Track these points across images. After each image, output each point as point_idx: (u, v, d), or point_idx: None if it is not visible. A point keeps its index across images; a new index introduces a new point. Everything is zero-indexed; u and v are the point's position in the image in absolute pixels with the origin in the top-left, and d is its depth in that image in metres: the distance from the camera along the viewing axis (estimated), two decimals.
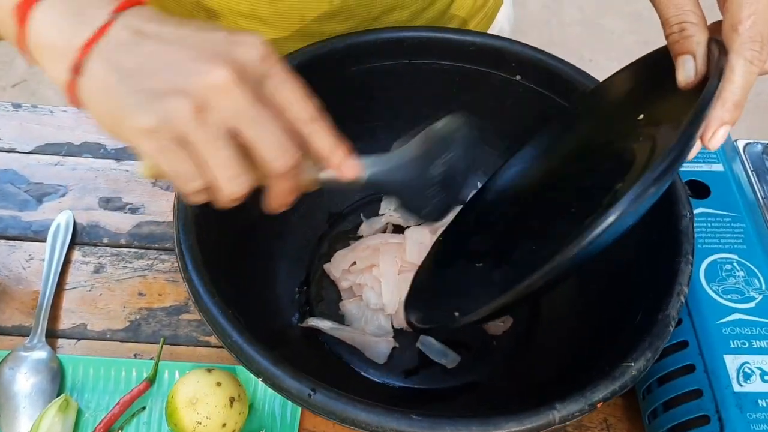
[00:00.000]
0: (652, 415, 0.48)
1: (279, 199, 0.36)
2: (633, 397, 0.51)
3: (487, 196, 0.55)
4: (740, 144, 0.58)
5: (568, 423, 0.39)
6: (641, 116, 0.43)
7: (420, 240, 0.55)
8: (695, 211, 0.51)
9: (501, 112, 0.58)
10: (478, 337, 0.54)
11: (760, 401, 0.43)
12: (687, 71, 0.38)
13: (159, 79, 0.31)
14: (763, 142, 0.58)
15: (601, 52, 1.65)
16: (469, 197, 0.57)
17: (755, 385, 0.43)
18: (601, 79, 0.50)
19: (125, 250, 0.59)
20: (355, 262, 0.55)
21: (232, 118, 0.32)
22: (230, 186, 0.33)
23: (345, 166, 0.36)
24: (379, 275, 0.54)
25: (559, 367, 0.48)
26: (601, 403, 0.39)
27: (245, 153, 0.33)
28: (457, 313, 0.44)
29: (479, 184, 0.60)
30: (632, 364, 0.40)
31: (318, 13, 0.54)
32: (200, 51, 0.32)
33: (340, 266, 0.55)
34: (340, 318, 0.54)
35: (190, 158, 0.32)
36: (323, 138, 0.35)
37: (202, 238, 0.45)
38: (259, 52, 0.32)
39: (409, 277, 0.53)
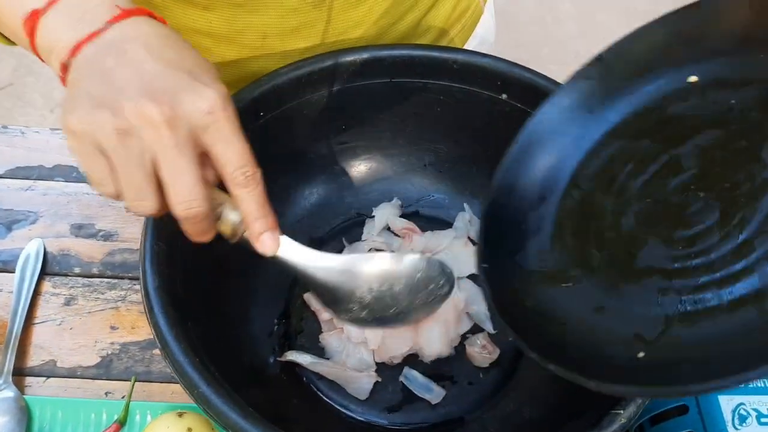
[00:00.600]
0: None
1: (191, 235, 0.36)
2: None
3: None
4: None
5: None
6: None
7: None
8: None
9: (488, 132, 0.55)
10: (464, 370, 0.52)
11: None
12: None
13: (106, 92, 0.33)
14: None
15: (597, 47, 1.62)
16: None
17: (751, 429, 0.41)
18: None
19: (97, 280, 0.57)
20: None
21: (150, 151, 0.33)
22: (134, 206, 0.35)
23: (262, 239, 0.37)
24: None
25: (546, 408, 0.46)
26: None
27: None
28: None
29: (466, 206, 0.58)
30: (621, 411, 0.38)
31: (279, 30, 0.52)
32: (151, 83, 0.33)
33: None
34: (320, 351, 0.52)
35: (107, 166, 0.34)
36: (249, 203, 0.36)
37: (170, 275, 0.43)
38: (208, 105, 0.33)
39: None
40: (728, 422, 0.42)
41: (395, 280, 0.41)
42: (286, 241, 0.39)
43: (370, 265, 0.41)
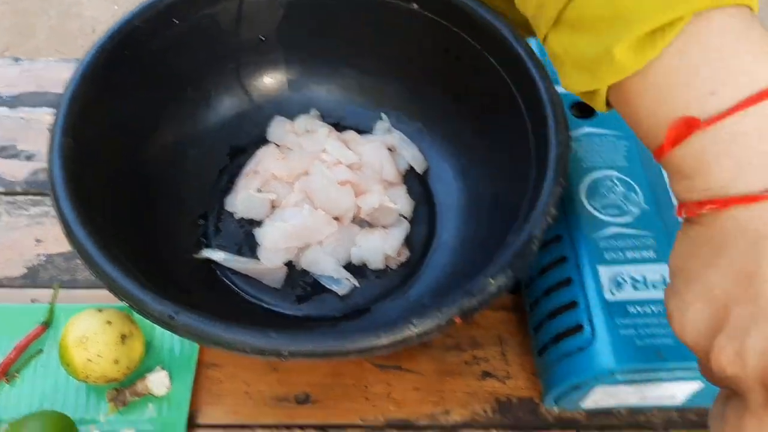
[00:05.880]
0: (537, 328, 0.49)
1: None
2: (525, 313, 0.52)
3: None
4: None
5: (427, 338, 0.39)
6: None
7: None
8: (580, 132, 0.52)
9: (404, 43, 0.57)
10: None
11: (629, 308, 0.44)
12: None
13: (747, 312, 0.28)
14: None
15: None
16: None
17: (626, 294, 0.44)
18: None
19: (21, 197, 0.58)
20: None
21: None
22: None
23: None
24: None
25: (439, 290, 0.49)
26: (460, 319, 0.40)
27: None
28: None
29: (383, 115, 0.60)
30: (492, 280, 0.40)
31: None
32: None
33: (238, 198, 0.55)
34: (236, 251, 0.54)
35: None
36: None
37: (79, 170, 0.44)
38: None
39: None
40: (606, 289, 0.45)
41: None
42: None
43: None
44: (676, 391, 0.45)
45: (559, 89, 0.47)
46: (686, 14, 0.28)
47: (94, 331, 0.47)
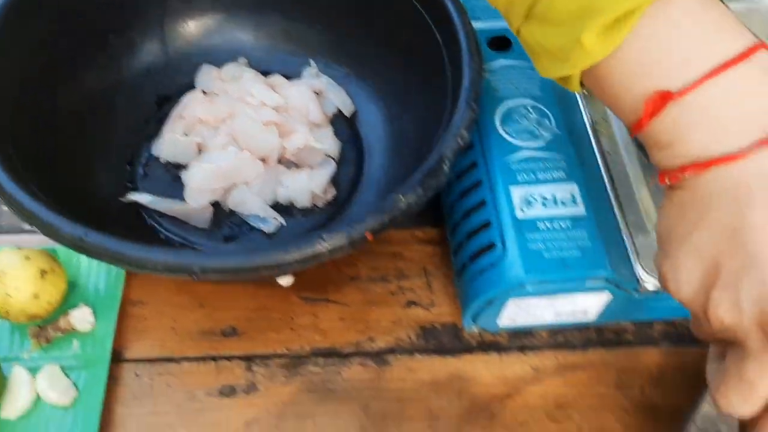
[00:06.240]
0: (456, 252, 0.50)
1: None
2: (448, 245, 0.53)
3: None
4: None
5: (339, 254, 0.40)
6: None
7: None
8: (497, 64, 0.53)
9: None
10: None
11: (539, 224, 0.45)
12: None
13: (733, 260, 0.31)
14: None
15: None
16: None
17: (536, 211, 0.46)
18: None
19: None
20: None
21: None
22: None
23: None
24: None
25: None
26: (371, 235, 0.41)
27: None
28: None
29: (312, 62, 0.61)
30: (402, 198, 0.42)
31: None
32: None
33: (163, 142, 0.56)
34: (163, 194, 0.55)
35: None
36: None
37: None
38: None
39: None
40: (517, 208, 0.46)
41: None
42: None
43: None
44: (587, 304, 0.47)
45: (476, 24, 0.49)
46: (647, 1, 0.31)
47: (12, 266, 0.47)
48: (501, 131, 0.50)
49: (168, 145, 0.56)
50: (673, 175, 0.33)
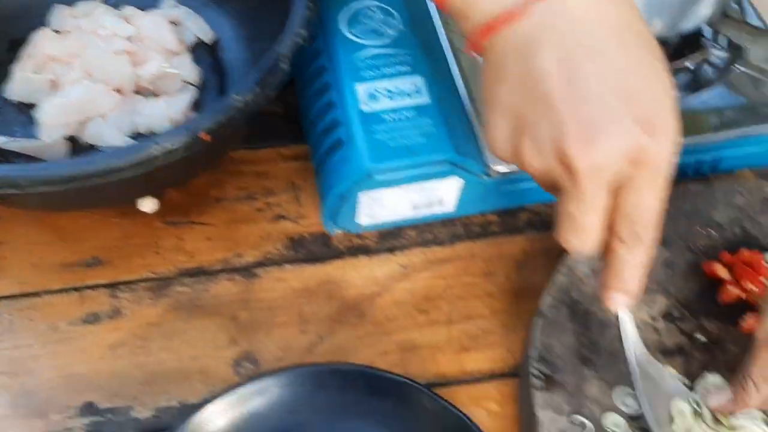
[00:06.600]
0: (313, 156, 0.50)
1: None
2: None
3: None
4: None
5: (175, 156, 0.40)
6: None
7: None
8: None
9: None
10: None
11: (384, 116, 0.46)
12: None
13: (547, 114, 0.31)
14: None
15: None
16: None
17: (381, 104, 0.46)
18: None
19: None
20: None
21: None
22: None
23: (612, 301, 0.36)
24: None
25: None
26: (207, 135, 0.40)
27: None
28: None
29: None
30: (237, 96, 0.41)
31: None
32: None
33: (14, 82, 0.54)
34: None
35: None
36: (623, 266, 0.34)
37: None
38: (670, 152, 0.32)
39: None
40: (363, 102, 0.46)
41: None
42: None
43: None
44: (441, 193, 0.47)
45: None
46: None
47: None
48: (347, 33, 0.49)
49: (19, 84, 0.54)
50: (474, 44, 0.34)
